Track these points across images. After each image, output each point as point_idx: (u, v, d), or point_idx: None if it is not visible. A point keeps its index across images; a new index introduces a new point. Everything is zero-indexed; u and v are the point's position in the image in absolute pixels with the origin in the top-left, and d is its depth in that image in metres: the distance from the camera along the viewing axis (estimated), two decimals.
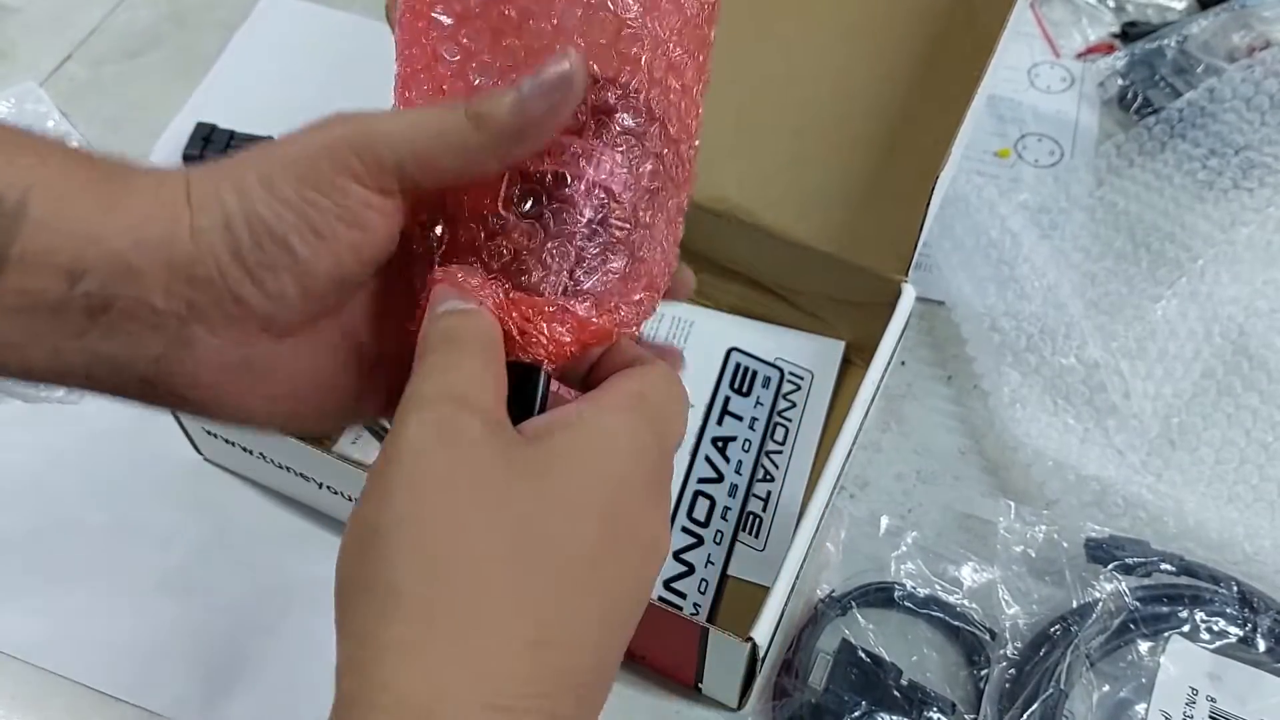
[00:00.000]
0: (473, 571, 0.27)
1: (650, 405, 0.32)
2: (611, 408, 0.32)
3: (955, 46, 0.62)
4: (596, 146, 0.34)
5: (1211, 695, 0.51)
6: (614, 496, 0.30)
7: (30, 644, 0.54)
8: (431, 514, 0.28)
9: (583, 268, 0.34)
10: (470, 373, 0.30)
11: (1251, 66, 0.68)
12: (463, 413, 0.29)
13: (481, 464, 0.28)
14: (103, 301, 0.30)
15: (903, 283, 0.58)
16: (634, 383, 0.33)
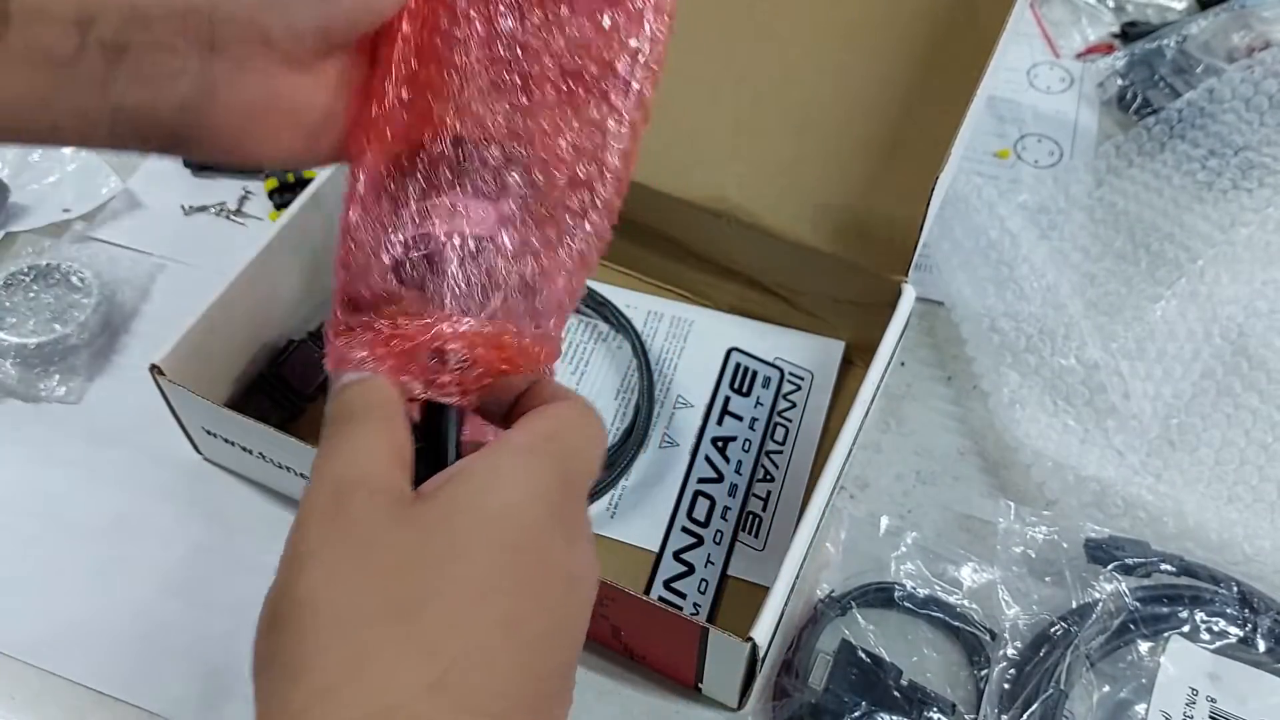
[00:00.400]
0: (360, 630, 0.28)
1: (556, 443, 0.33)
2: (509, 450, 0.32)
3: (955, 47, 0.62)
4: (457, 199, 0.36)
5: (1211, 695, 0.51)
6: (506, 534, 0.30)
7: (30, 644, 0.54)
8: (322, 586, 0.29)
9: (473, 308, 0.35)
10: (360, 447, 0.31)
11: (1251, 67, 0.68)
12: (348, 490, 0.30)
13: (364, 532, 0.29)
14: (117, 47, 0.31)
15: (903, 283, 0.58)
16: (543, 421, 0.33)
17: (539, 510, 0.31)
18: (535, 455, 0.32)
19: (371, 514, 0.29)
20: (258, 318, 0.61)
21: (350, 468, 0.31)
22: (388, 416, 0.33)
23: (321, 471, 0.31)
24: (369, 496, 0.30)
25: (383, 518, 0.29)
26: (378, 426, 0.32)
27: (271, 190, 0.72)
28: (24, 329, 0.64)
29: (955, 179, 0.68)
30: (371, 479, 0.30)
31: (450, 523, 0.29)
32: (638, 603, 0.47)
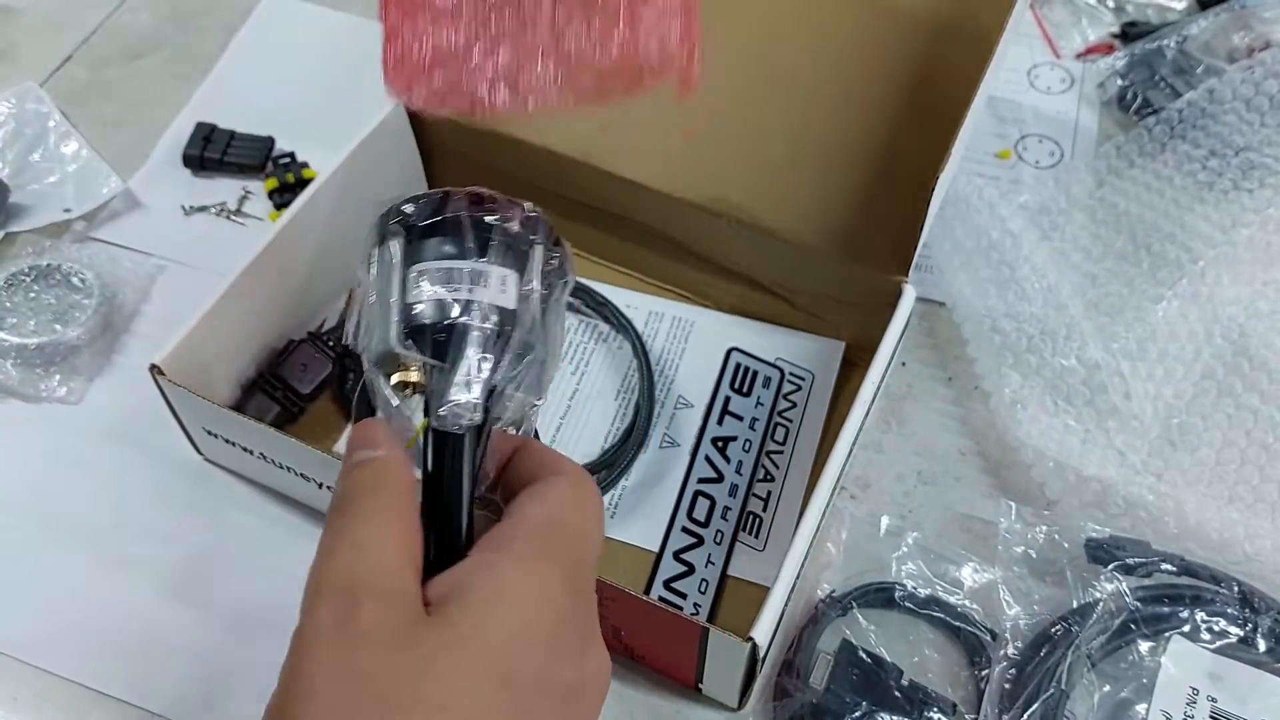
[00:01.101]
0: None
1: (559, 537, 0.32)
2: (512, 562, 0.31)
3: (955, 47, 0.62)
4: (487, 268, 0.37)
5: (1212, 695, 0.51)
6: (506, 667, 0.30)
7: (30, 644, 0.54)
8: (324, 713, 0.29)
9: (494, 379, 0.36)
10: (371, 540, 0.31)
11: (1251, 67, 0.68)
12: (358, 597, 0.30)
13: (368, 661, 0.29)
14: None
15: (903, 283, 0.58)
16: (541, 509, 0.33)
17: (543, 627, 0.31)
18: (539, 562, 0.32)
19: (379, 631, 0.29)
20: (258, 318, 0.61)
21: (360, 566, 0.30)
22: (399, 501, 0.32)
23: (330, 565, 0.31)
24: (377, 608, 0.30)
25: (389, 637, 0.29)
26: (388, 515, 0.32)
27: (271, 190, 0.72)
28: (25, 329, 0.64)
29: (956, 179, 0.68)
30: (382, 583, 0.30)
31: (451, 656, 0.29)
32: (638, 603, 0.47)
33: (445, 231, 0.37)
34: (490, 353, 0.36)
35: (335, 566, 0.31)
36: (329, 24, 0.85)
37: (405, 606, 0.30)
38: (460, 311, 0.36)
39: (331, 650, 0.29)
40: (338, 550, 0.31)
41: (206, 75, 0.81)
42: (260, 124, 0.76)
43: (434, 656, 0.29)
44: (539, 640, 0.31)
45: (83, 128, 0.77)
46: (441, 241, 0.37)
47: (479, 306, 0.36)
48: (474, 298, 0.36)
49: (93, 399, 0.63)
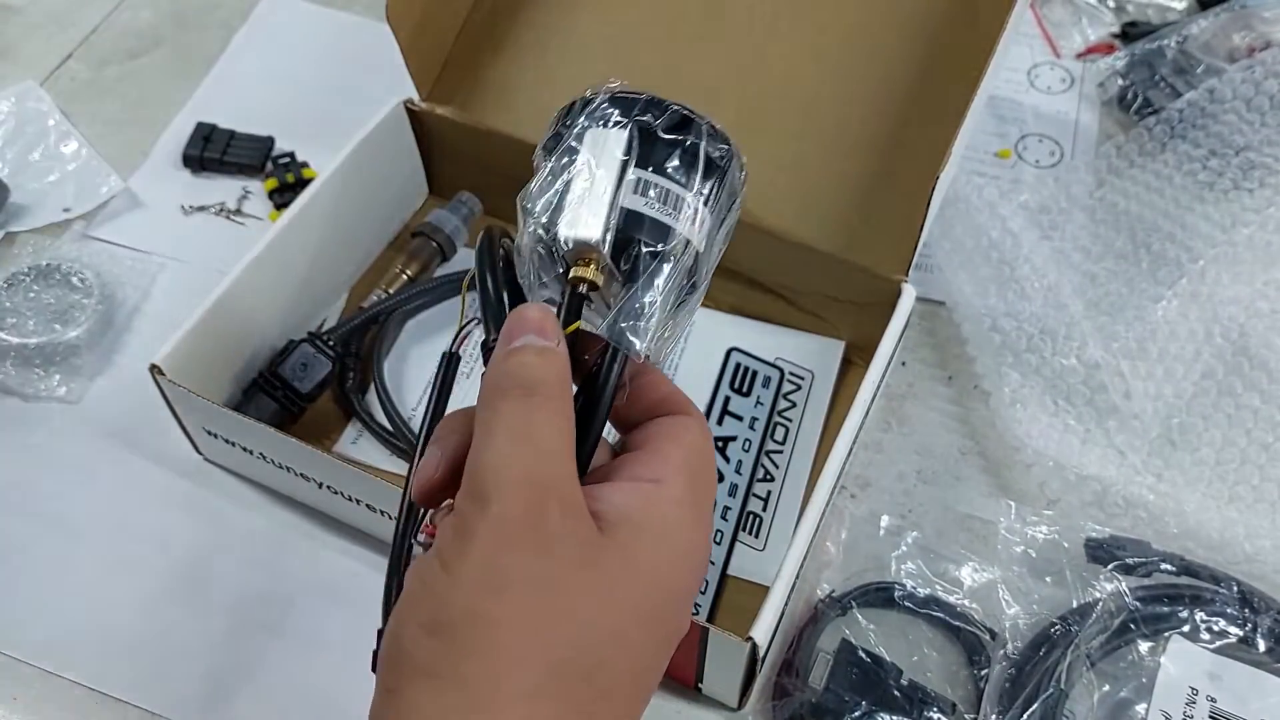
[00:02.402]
0: (541, 681, 0.29)
1: (698, 480, 0.34)
2: (673, 498, 0.33)
3: (955, 47, 0.62)
4: (697, 204, 0.36)
5: (1212, 695, 0.51)
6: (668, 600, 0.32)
7: (31, 644, 0.54)
8: (515, 619, 0.29)
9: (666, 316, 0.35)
10: (548, 436, 0.31)
11: (1251, 67, 0.68)
12: (543, 497, 0.30)
13: (559, 569, 0.29)
14: None
15: (903, 283, 0.58)
16: (680, 450, 0.34)
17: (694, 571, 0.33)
18: (690, 508, 0.33)
19: (566, 542, 0.30)
20: (258, 318, 0.61)
21: (543, 464, 0.30)
22: (566, 397, 0.32)
23: (513, 454, 0.30)
24: (563, 514, 0.30)
25: (575, 551, 0.30)
26: (561, 409, 0.32)
27: (271, 190, 0.72)
28: (24, 329, 0.64)
29: (956, 179, 0.68)
30: (566, 487, 0.30)
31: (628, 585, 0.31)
32: None
33: (681, 150, 0.36)
34: (674, 290, 0.35)
35: (518, 456, 0.30)
36: (329, 24, 0.85)
37: (586, 519, 0.31)
38: (669, 240, 0.35)
39: (526, 551, 0.29)
40: (518, 438, 0.30)
41: (206, 75, 0.81)
42: (260, 124, 0.76)
43: (614, 582, 0.30)
44: (688, 583, 0.33)
45: (82, 127, 0.77)
46: (672, 158, 0.36)
47: (682, 241, 0.35)
48: (679, 228, 0.35)
49: (93, 399, 0.63)
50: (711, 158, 0.36)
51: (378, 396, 0.61)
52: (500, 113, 0.67)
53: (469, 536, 0.29)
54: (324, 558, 0.57)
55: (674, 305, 0.35)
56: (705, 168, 0.36)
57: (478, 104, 0.67)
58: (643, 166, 0.35)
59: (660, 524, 0.32)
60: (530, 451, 0.30)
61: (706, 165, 0.36)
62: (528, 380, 0.31)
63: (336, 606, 0.55)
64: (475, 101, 0.68)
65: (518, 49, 0.68)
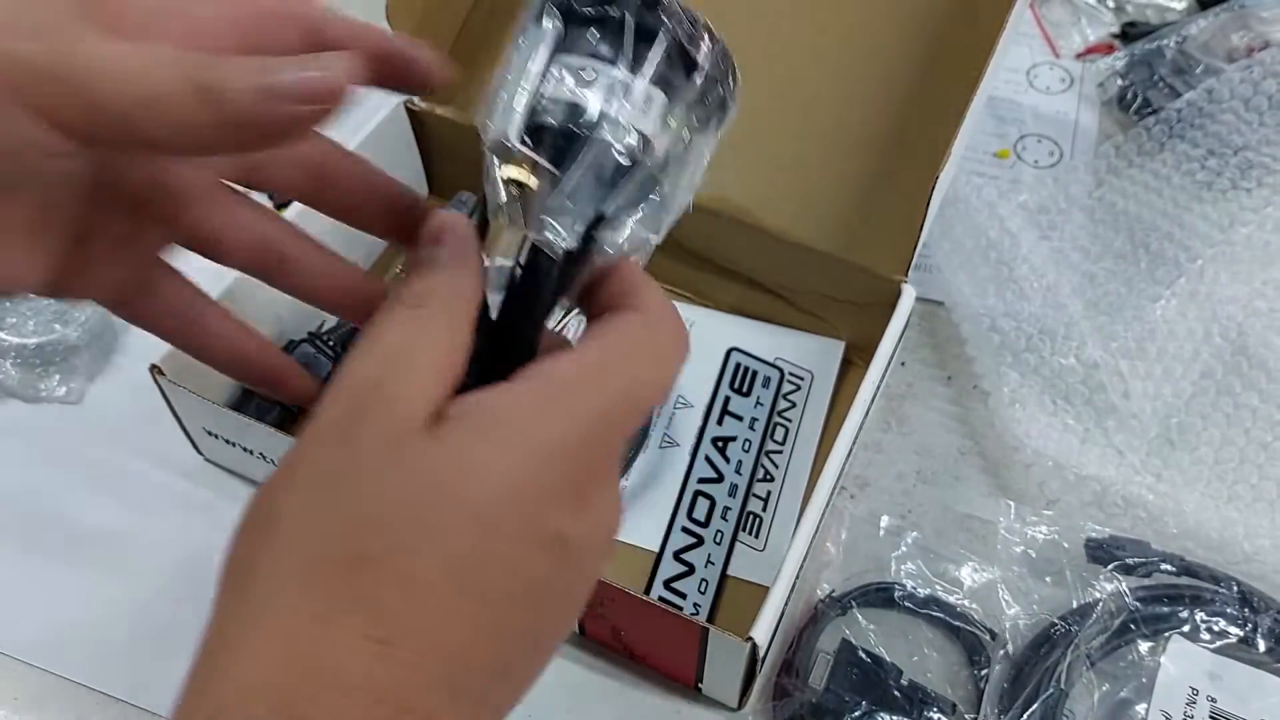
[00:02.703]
0: (322, 578, 0.27)
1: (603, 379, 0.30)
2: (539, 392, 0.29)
3: (955, 47, 0.62)
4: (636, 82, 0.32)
5: (1212, 695, 0.51)
6: (491, 503, 0.27)
7: (32, 645, 0.54)
8: (300, 513, 0.28)
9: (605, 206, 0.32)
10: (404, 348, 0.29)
11: (1250, 67, 0.68)
12: (368, 404, 0.28)
13: (360, 469, 0.27)
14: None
15: (903, 283, 0.58)
16: (596, 346, 0.31)
17: (540, 473, 0.28)
18: (573, 395, 0.29)
19: (371, 443, 0.27)
20: (258, 318, 0.61)
21: (381, 369, 0.28)
22: (449, 309, 0.30)
23: (353, 365, 0.29)
24: (382, 414, 0.28)
25: (379, 451, 0.27)
26: (433, 321, 0.29)
27: None
28: (24, 329, 0.64)
29: (955, 179, 0.68)
30: (397, 388, 0.28)
31: (430, 483, 0.27)
32: (638, 603, 0.47)
33: (605, 27, 0.32)
34: (610, 176, 0.32)
35: (357, 367, 0.29)
36: None
37: (409, 416, 0.28)
38: (594, 122, 0.31)
39: (322, 449, 0.28)
40: (367, 351, 0.29)
41: None
42: None
43: (413, 480, 0.27)
44: (531, 484, 0.28)
45: None
46: (598, 37, 0.32)
47: (614, 122, 0.31)
48: (612, 111, 0.31)
49: (92, 399, 0.63)
50: (647, 26, 0.32)
51: None
52: None
53: (301, 434, 0.29)
54: None
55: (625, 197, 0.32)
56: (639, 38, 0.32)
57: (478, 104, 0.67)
58: (566, 50, 0.32)
59: (499, 419, 0.28)
60: (372, 360, 0.29)
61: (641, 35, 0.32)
62: (412, 292, 0.30)
63: None
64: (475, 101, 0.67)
65: None
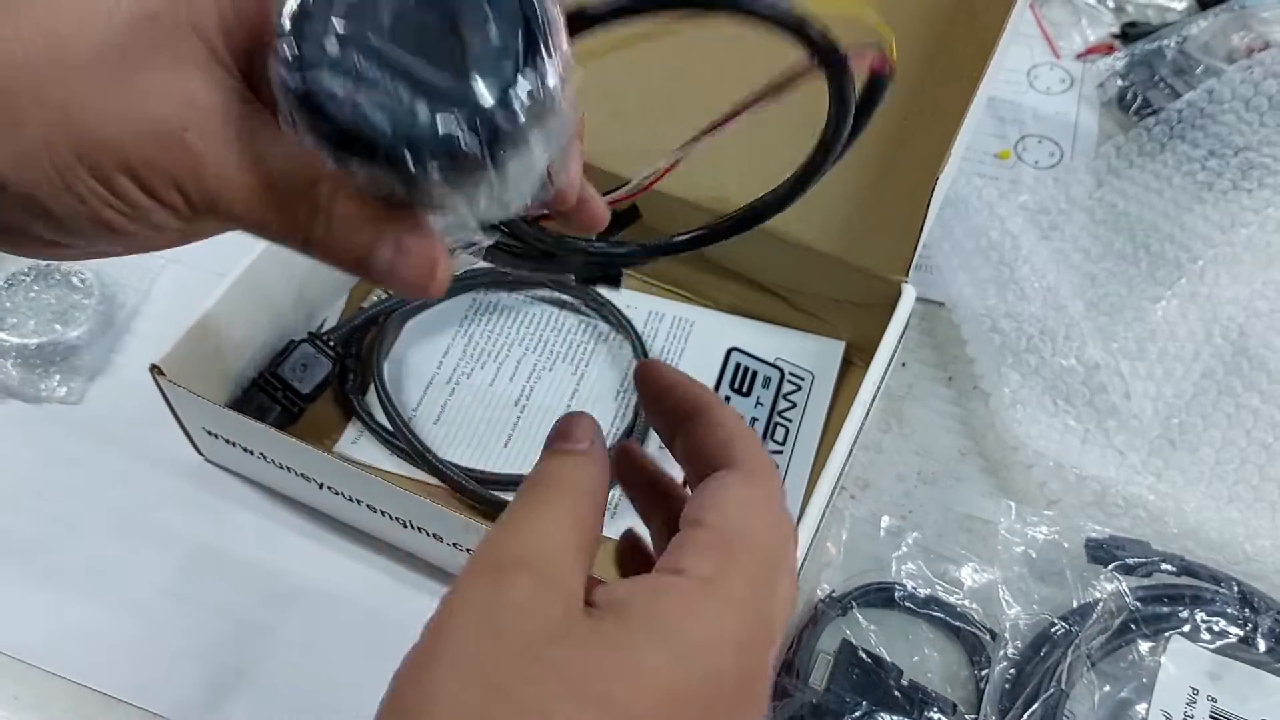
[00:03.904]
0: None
1: (738, 550, 0.28)
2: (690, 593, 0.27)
3: (955, 48, 0.62)
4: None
5: (1212, 695, 0.51)
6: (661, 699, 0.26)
7: (32, 645, 0.54)
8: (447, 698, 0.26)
9: None
10: (541, 526, 0.28)
11: (1251, 68, 0.68)
12: (511, 569, 0.27)
13: (515, 642, 0.26)
14: None
15: (903, 283, 0.58)
16: (716, 515, 0.29)
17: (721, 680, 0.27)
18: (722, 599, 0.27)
19: (529, 617, 0.26)
20: (258, 318, 0.61)
21: (522, 543, 0.28)
22: (582, 497, 0.30)
23: (492, 543, 0.28)
24: (533, 586, 0.27)
25: (538, 627, 0.26)
26: (567, 506, 0.29)
27: None
28: (25, 329, 0.64)
29: (955, 180, 0.68)
30: (540, 562, 0.27)
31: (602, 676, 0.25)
32: None
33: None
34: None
35: (497, 543, 0.28)
36: None
37: (564, 593, 0.27)
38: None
39: (475, 619, 0.26)
40: (504, 531, 0.28)
41: None
42: None
43: (570, 681, 0.25)
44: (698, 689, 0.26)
45: None
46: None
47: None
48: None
49: (93, 399, 0.63)
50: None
51: (378, 397, 0.61)
52: None
53: (437, 613, 0.28)
54: (324, 558, 0.57)
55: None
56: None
57: None
58: None
59: (665, 622, 0.27)
60: (510, 537, 0.28)
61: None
62: (533, 480, 0.30)
63: (336, 606, 0.55)
64: None
65: None
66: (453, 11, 0.26)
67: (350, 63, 0.25)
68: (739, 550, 0.29)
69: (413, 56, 0.25)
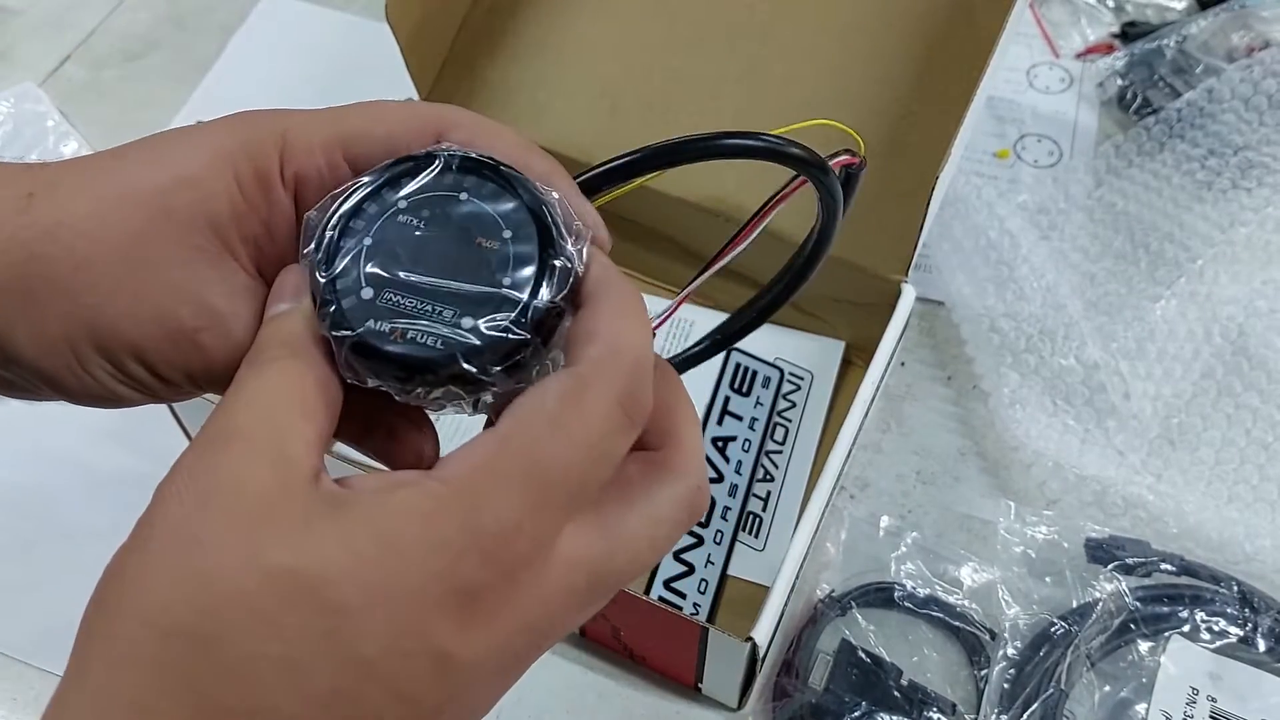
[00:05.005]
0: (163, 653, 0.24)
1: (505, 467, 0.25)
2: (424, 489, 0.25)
3: (954, 47, 0.62)
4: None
5: (1212, 695, 0.51)
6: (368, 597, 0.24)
7: (32, 645, 0.54)
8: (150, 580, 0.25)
9: None
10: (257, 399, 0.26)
11: (1250, 67, 0.68)
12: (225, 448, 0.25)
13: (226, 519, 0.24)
14: None
15: (902, 283, 0.58)
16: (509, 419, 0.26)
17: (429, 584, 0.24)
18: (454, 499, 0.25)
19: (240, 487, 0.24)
20: None
21: (226, 416, 0.26)
22: (294, 356, 0.27)
23: (203, 425, 0.26)
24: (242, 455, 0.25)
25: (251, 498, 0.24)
26: (275, 367, 0.27)
27: None
28: None
29: (955, 179, 0.68)
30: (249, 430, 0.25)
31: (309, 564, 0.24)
32: (638, 603, 0.47)
33: None
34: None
35: (206, 424, 0.26)
36: (328, 24, 0.84)
37: (279, 459, 0.25)
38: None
39: (179, 502, 0.25)
40: (215, 411, 0.26)
41: (205, 76, 0.81)
42: None
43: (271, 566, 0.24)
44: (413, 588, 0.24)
45: (81, 128, 0.77)
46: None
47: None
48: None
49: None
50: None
51: None
52: (500, 113, 0.67)
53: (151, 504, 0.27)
54: None
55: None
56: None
57: (477, 104, 0.67)
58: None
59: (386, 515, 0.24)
60: (221, 412, 0.26)
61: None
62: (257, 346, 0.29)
63: None
64: (475, 101, 0.68)
65: (517, 49, 0.68)
66: (465, 225, 0.28)
67: (389, 301, 0.27)
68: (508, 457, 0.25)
69: (442, 276, 0.28)
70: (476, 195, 0.29)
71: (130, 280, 0.28)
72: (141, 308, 0.28)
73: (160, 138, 0.30)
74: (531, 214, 0.28)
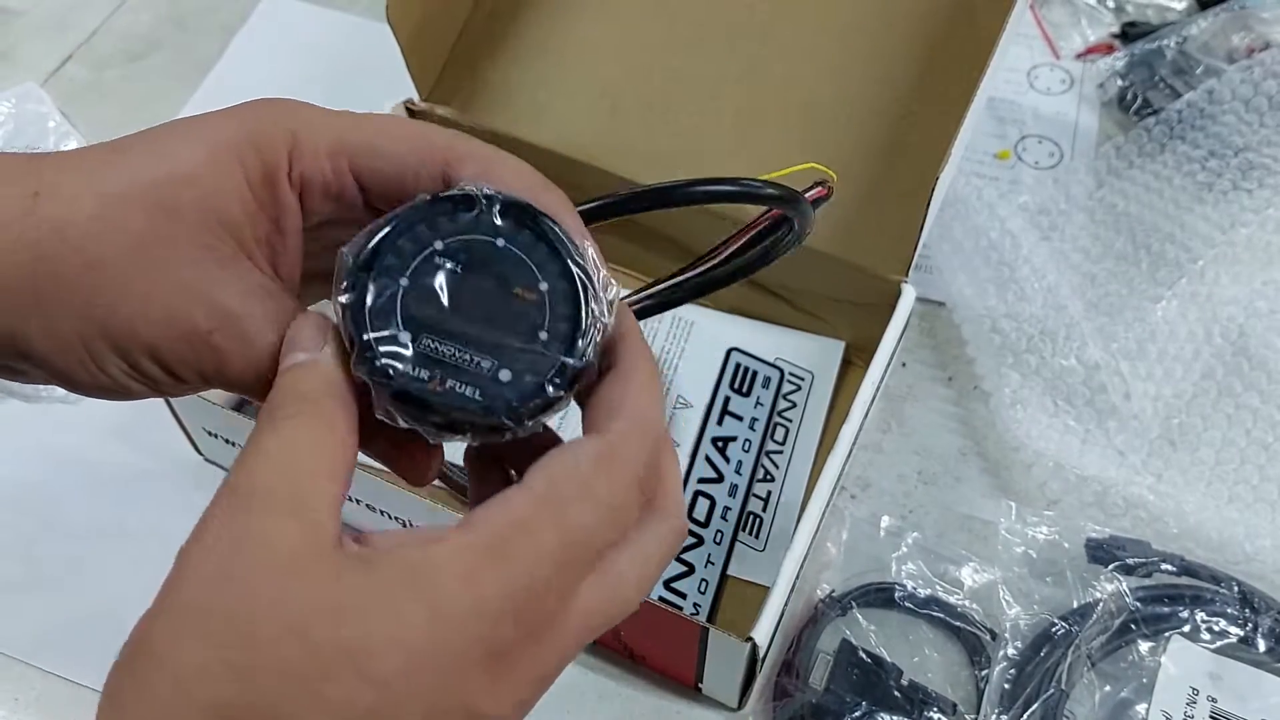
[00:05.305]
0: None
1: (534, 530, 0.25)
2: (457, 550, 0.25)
3: (955, 48, 0.62)
4: None
5: (1212, 695, 0.51)
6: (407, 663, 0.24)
7: (32, 645, 0.54)
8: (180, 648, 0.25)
9: None
10: (279, 456, 0.26)
11: (1251, 68, 0.68)
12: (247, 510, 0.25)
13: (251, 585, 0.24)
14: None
15: (903, 283, 0.58)
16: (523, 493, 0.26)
17: (471, 648, 0.24)
18: (490, 560, 0.25)
19: (265, 552, 0.24)
20: None
21: (248, 475, 0.25)
22: (317, 411, 0.27)
23: (225, 482, 0.26)
24: (266, 519, 0.25)
25: (278, 562, 0.24)
26: (297, 422, 0.26)
27: None
28: None
29: (955, 180, 0.68)
30: (271, 491, 0.25)
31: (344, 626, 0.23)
32: None
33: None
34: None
35: (229, 482, 0.26)
36: (329, 24, 0.85)
37: (305, 522, 0.25)
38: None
39: (204, 564, 0.25)
40: (237, 467, 0.26)
41: (206, 77, 0.81)
42: None
43: (305, 629, 0.23)
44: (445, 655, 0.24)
45: (83, 128, 0.77)
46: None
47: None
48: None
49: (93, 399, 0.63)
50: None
51: None
52: (500, 113, 0.67)
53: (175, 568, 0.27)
54: None
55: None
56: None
57: (478, 105, 0.68)
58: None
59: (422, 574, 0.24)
60: (242, 470, 0.26)
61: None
62: (276, 398, 0.28)
63: None
64: (475, 102, 0.68)
65: (518, 50, 0.68)
66: (502, 273, 0.29)
67: (427, 348, 0.28)
68: (543, 519, 0.26)
69: (481, 325, 0.28)
70: (513, 242, 0.29)
71: (140, 281, 0.28)
72: (153, 308, 0.28)
73: (165, 130, 0.30)
74: (568, 268, 0.29)
